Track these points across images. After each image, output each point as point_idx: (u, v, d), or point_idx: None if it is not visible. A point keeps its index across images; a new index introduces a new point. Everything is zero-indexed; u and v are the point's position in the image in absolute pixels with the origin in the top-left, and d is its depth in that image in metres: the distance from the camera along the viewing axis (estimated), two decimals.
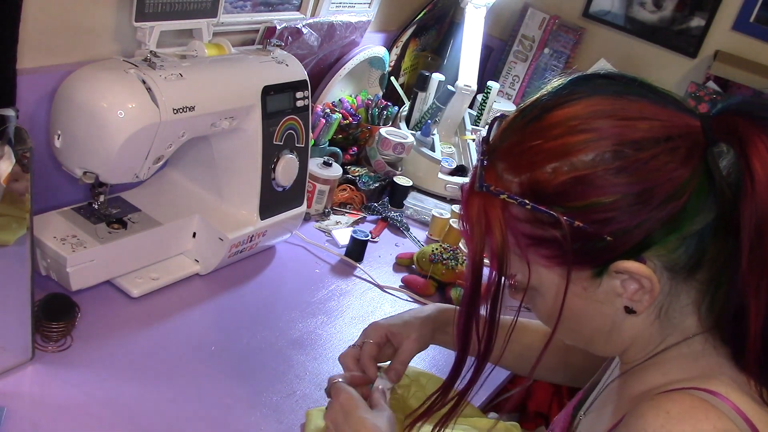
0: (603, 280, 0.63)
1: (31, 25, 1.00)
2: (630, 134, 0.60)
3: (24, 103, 1.02)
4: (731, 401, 0.58)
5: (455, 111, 1.91)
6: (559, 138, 0.61)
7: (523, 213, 0.63)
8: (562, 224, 0.60)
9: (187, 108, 1.04)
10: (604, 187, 0.59)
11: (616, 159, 0.59)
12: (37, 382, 0.91)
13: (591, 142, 0.60)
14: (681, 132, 0.60)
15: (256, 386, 1.03)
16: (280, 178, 1.26)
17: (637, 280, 0.62)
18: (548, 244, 0.62)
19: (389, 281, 1.40)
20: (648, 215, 0.59)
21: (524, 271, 0.65)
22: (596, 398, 0.81)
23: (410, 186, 1.72)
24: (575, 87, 0.64)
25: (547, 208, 0.61)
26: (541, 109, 0.64)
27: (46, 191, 1.12)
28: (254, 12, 1.37)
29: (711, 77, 1.89)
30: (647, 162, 0.59)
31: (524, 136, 0.64)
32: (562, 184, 0.60)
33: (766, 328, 0.59)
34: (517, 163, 0.63)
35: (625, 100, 0.62)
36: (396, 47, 1.96)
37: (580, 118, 0.61)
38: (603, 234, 0.60)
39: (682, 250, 0.61)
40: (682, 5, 1.97)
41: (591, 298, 0.65)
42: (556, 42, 2.12)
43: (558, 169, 0.60)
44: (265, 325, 1.16)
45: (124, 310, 1.09)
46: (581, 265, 0.63)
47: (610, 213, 0.60)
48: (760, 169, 0.56)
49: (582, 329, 0.70)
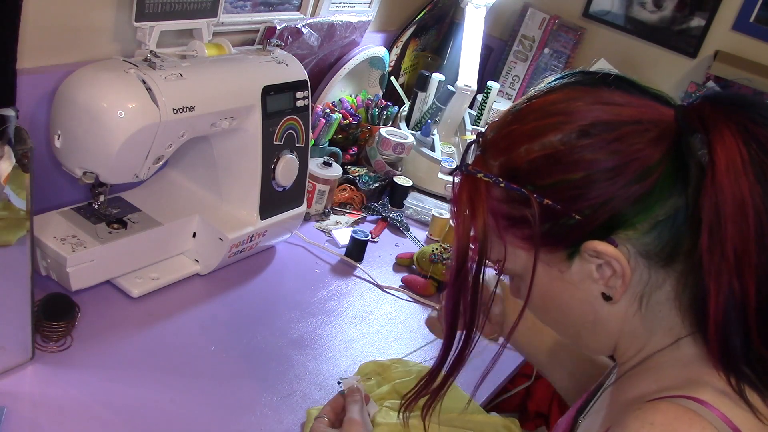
0: (575, 263, 0.65)
1: (31, 25, 1.00)
2: (600, 116, 0.62)
3: (24, 103, 1.02)
4: (718, 410, 0.58)
5: (455, 111, 1.91)
6: (533, 121, 0.65)
7: (501, 193, 0.66)
8: (532, 201, 0.63)
9: (187, 108, 1.04)
10: (572, 164, 0.62)
11: (583, 137, 0.62)
12: (37, 382, 0.91)
13: (560, 124, 0.63)
14: (652, 118, 0.62)
15: (256, 386, 1.03)
16: (280, 178, 1.26)
17: (610, 264, 0.63)
18: (522, 224, 0.65)
19: (389, 281, 1.40)
20: (615, 193, 0.61)
21: (503, 255, 0.68)
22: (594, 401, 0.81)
23: (410, 186, 1.72)
24: (558, 81, 0.68)
25: (518, 186, 0.64)
26: (526, 101, 0.68)
27: (46, 191, 1.12)
28: (254, 12, 1.37)
29: (711, 77, 1.89)
30: (614, 141, 0.61)
31: (505, 123, 0.68)
32: (532, 162, 0.63)
33: (726, 312, 0.59)
34: (498, 147, 0.67)
35: (601, 89, 0.65)
36: (396, 47, 1.97)
37: (555, 103, 0.65)
38: (571, 212, 0.62)
39: (654, 235, 0.62)
40: (682, 5, 1.97)
41: (568, 281, 0.66)
42: (556, 42, 2.12)
43: (530, 149, 0.64)
44: (265, 325, 1.16)
45: (124, 310, 1.09)
46: (554, 245, 0.65)
47: (577, 190, 0.62)
48: (721, 154, 0.58)
49: (567, 318, 0.71)
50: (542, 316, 0.73)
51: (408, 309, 1.34)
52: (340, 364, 1.13)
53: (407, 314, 1.32)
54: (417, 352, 1.21)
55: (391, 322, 1.28)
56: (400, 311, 1.32)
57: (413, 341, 1.24)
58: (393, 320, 1.29)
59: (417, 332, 1.27)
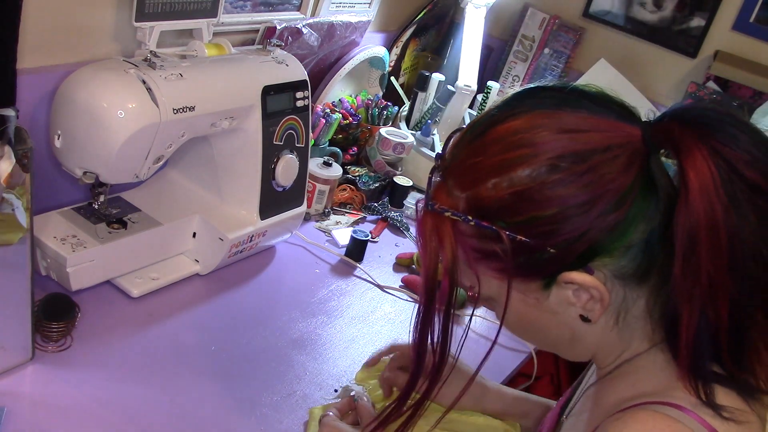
0: (553, 291, 0.64)
1: (31, 25, 1.00)
2: (567, 146, 0.60)
3: (24, 103, 1.02)
4: (696, 414, 0.58)
5: (455, 111, 1.91)
6: (498, 154, 0.62)
7: (469, 229, 0.64)
8: (504, 239, 0.61)
9: (187, 108, 1.04)
10: (543, 201, 0.60)
11: (553, 172, 0.60)
12: (37, 382, 0.91)
13: (528, 157, 0.61)
14: (621, 141, 0.60)
15: (256, 386, 1.03)
16: (280, 178, 1.26)
17: (587, 290, 0.63)
18: (495, 257, 0.63)
19: (389, 281, 1.40)
20: (590, 225, 0.59)
21: (476, 283, 0.67)
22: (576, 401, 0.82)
23: (410, 186, 1.72)
24: (517, 102, 0.65)
25: (489, 224, 0.62)
26: (486, 125, 0.65)
27: (46, 191, 1.12)
28: (254, 12, 1.37)
29: (711, 77, 1.89)
30: (585, 174, 0.59)
31: (469, 152, 0.65)
32: (502, 200, 0.61)
33: (697, 335, 0.59)
34: (464, 179, 0.64)
35: (564, 112, 0.63)
36: (396, 47, 1.97)
37: (519, 132, 0.62)
38: (546, 246, 0.61)
39: (629, 258, 0.61)
40: (682, 5, 1.97)
41: (545, 308, 0.66)
42: (556, 42, 2.12)
43: (498, 184, 0.61)
44: (265, 325, 1.16)
45: (124, 310, 1.09)
46: (529, 277, 0.64)
47: (552, 225, 0.60)
48: (693, 177, 0.57)
49: (545, 338, 0.71)
50: (520, 335, 0.73)
51: (408, 309, 1.34)
52: (340, 364, 1.13)
53: (407, 314, 1.32)
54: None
55: (391, 322, 1.28)
56: (400, 311, 1.32)
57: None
58: (393, 320, 1.29)
59: None
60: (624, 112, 0.64)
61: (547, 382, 1.60)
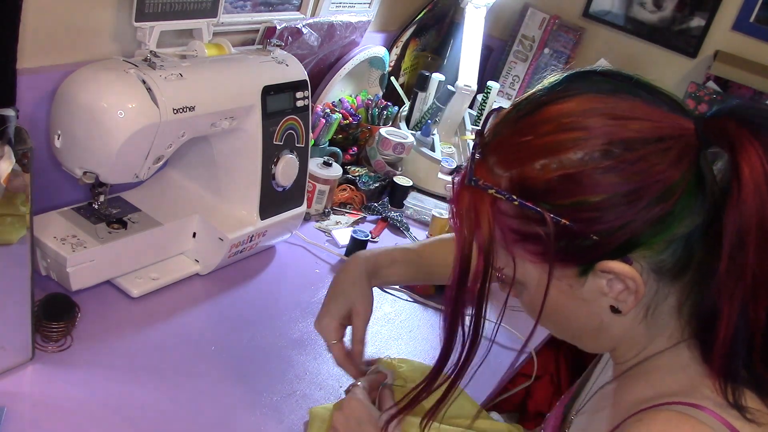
0: (588, 279, 0.63)
1: (31, 25, 1.00)
2: (620, 133, 0.59)
3: (24, 103, 1.02)
4: (718, 414, 0.58)
5: (455, 111, 1.91)
6: (550, 135, 0.61)
7: (511, 208, 0.62)
8: (548, 221, 0.60)
9: (187, 108, 1.04)
10: (592, 186, 0.59)
11: (605, 158, 0.59)
12: (37, 382, 0.91)
13: (581, 141, 0.60)
14: (673, 133, 0.59)
15: (256, 386, 1.03)
16: (280, 178, 1.26)
17: (623, 281, 0.62)
18: (534, 240, 0.62)
19: None
20: (635, 216, 0.59)
21: (510, 265, 0.65)
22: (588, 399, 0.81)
23: (410, 186, 1.72)
24: (570, 83, 0.64)
25: (533, 205, 0.60)
26: (535, 105, 0.64)
27: (46, 191, 1.12)
28: (254, 12, 1.37)
29: (711, 77, 1.89)
30: (636, 162, 0.59)
31: (516, 130, 0.63)
32: (550, 181, 0.60)
33: (735, 334, 0.59)
34: (508, 158, 0.63)
35: (619, 98, 0.62)
36: (396, 47, 1.97)
37: (572, 115, 0.61)
38: (589, 233, 0.60)
39: (670, 252, 0.61)
40: (682, 5, 1.97)
41: (576, 296, 0.65)
42: (556, 42, 2.12)
43: (547, 166, 0.60)
44: (265, 325, 1.16)
45: (124, 310, 1.09)
46: (567, 262, 0.63)
47: (597, 212, 0.59)
48: (748, 174, 0.56)
49: (569, 326, 0.70)
50: (542, 322, 0.71)
51: (408, 309, 1.34)
52: None
53: (407, 314, 1.32)
54: (417, 352, 1.21)
55: (391, 322, 1.28)
56: (400, 311, 1.32)
57: (413, 341, 1.24)
58: (393, 320, 1.29)
59: (417, 332, 1.27)
60: (676, 105, 0.63)
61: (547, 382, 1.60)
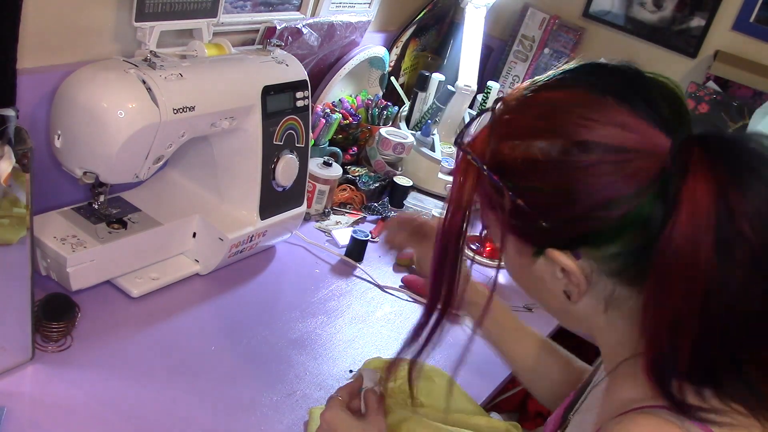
0: (540, 261, 0.66)
1: (31, 25, 1.00)
2: (584, 135, 0.60)
3: (24, 103, 1.02)
4: None
5: (455, 111, 1.91)
6: (531, 119, 0.64)
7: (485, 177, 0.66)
8: (506, 197, 0.63)
9: (187, 108, 1.04)
10: (545, 177, 0.61)
11: (562, 154, 0.60)
12: (37, 382, 0.91)
13: (549, 132, 0.62)
14: (645, 148, 0.58)
15: (256, 386, 1.03)
16: (280, 178, 1.26)
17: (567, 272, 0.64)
18: (497, 209, 0.66)
19: (389, 281, 1.40)
20: (586, 215, 0.60)
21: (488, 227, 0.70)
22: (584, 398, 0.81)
23: (410, 186, 1.72)
24: (572, 74, 0.66)
25: (498, 179, 0.64)
26: (539, 88, 0.66)
27: (46, 191, 1.12)
28: (254, 12, 1.37)
29: (711, 77, 1.89)
30: (588, 167, 0.59)
31: (513, 107, 0.67)
32: (514, 161, 0.63)
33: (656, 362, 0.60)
34: (497, 130, 0.66)
35: (606, 100, 0.62)
36: (396, 47, 1.96)
37: (555, 105, 0.63)
38: (539, 219, 0.62)
39: (618, 261, 0.61)
40: (682, 5, 1.97)
41: (534, 273, 0.67)
42: (556, 42, 2.12)
43: (517, 146, 0.63)
44: (265, 325, 1.16)
45: (124, 310, 1.09)
46: (523, 240, 0.66)
47: (551, 202, 0.62)
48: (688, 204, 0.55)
49: (542, 300, 0.73)
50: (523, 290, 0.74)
51: (408, 309, 1.34)
52: (340, 364, 1.13)
53: (407, 314, 1.32)
54: None
55: (391, 322, 1.28)
56: (400, 311, 1.32)
57: None
58: (393, 320, 1.29)
59: None
60: (670, 118, 0.61)
61: None
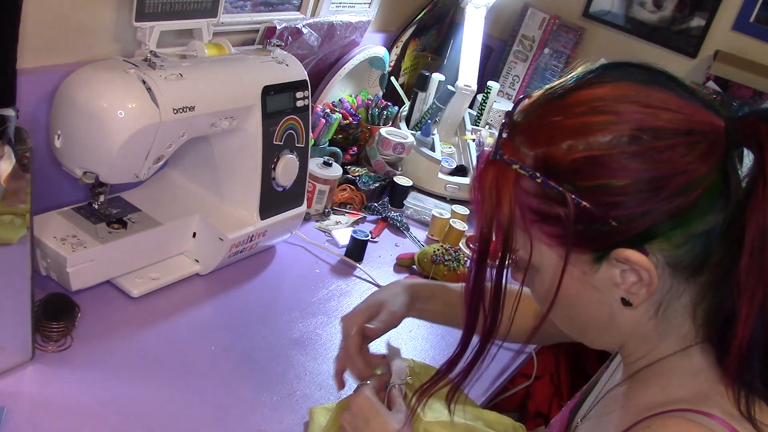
0: (602, 267, 0.63)
1: (31, 25, 1.00)
2: (650, 121, 0.59)
3: (24, 103, 1.02)
4: (728, 423, 0.58)
5: (455, 111, 1.91)
6: (580, 116, 0.61)
7: (533, 187, 0.62)
8: (569, 202, 0.60)
9: (187, 108, 1.04)
10: (616, 170, 0.59)
11: (632, 143, 0.59)
12: (37, 382, 0.91)
13: (610, 124, 0.60)
14: (703, 129, 0.60)
15: (256, 386, 1.03)
16: (280, 178, 1.26)
17: (636, 272, 0.62)
18: (553, 221, 0.62)
19: (389, 281, 1.40)
20: (656, 205, 0.59)
21: (527, 247, 0.65)
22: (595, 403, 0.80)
23: (410, 186, 1.72)
24: (605, 71, 0.64)
25: (556, 184, 0.60)
26: (568, 89, 0.64)
27: (46, 191, 1.12)
28: (254, 12, 1.37)
29: (711, 77, 1.89)
30: (663, 151, 0.59)
31: (546, 111, 0.64)
32: (575, 162, 0.60)
33: (753, 336, 0.58)
34: (535, 136, 0.63)
35: (653, 89, 0.62)
36: (396, 47, 1.97)
37: (604, 99, 0.61)
38: (608, 217, 0.60)
39: (687, 248, 0.61)
40: (682, 5, 1.97)
41: (588, 283, 0.65)
42: (556, 42, 2.12)
43: (573, 146, 0.60)
44: (265, 325, 1.16)
45: (124, 310, 1.09)
46: (583, 247, 0.63)
47: (619, 197, 0.59)
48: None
49: (578, 317, 0.69)
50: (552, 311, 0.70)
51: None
52: None
53: None
54: (417, 352, 1.21)
55: None
56: None
57: (413, 341, 1.24)
58: None
59: (417, 332, 1.27)
60: (709, 103, 0.63)
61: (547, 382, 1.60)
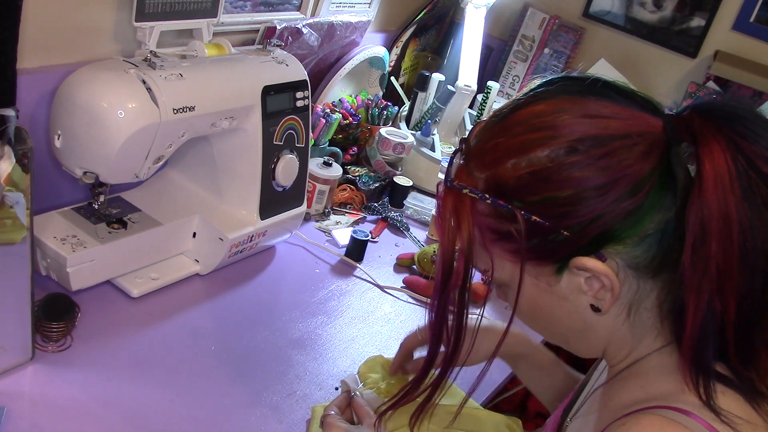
0: (564, 277, 0.65)
1: (31, 25, 1.00)
2: (588, 130, 0.61)
3: (24, 103, 1.02)
4: (703, 419, 0.58)
5: (455, 111, 1.91)
6: (520, 135, 0.63)
7: (486, 208, 0.65)
8: (519, 218, 0.62)
9: (187, 108, 1.04)
10: (560, 182, 0.61)
11: (571, 154, 0.60)
12: (37, 382, 0.91)
13: (548, 139, 0.62)
14: (641, 130, 0.61)
15: (256, 386, 1.03)
16: (280, 178, 1.26)
17: (598, 278, 0.63)
18: (509, 238, 0.64)
19: (389, 281, 1.40)
20: (605, 210, 0.60)
21: (489, 265, 0.68)
22: (582, 402, 0.81)
23: (410, 186, 1.72)
24: (542, 88, 0.67)
25: (505, 203, 0.63)
26: (510, 110, 0.67)
27: (46, 191, 1.12)
28: (254, 12, 1.37)
29: (711, 77, 1.89)
30: (603, 157, 0.60)
31: (492, 134, 0.66)
32: (520, 179, 0.62)
33: (703, 326, 0.59)
34: (484, 159, 0.66)
35: (587, 99, 0.64)
36: (396, 47, 1.97)
37: (542, 116, 0.64)
38: (560, 228, 0.61)
39: (644, 248, 0.62)
40: (682, 5, 1.98)
41: (557, 294, 0.66)
42: (556, 42, 2.12)
43: (517, 164, 0.62)
44: (265, 325, 1.17)
45: (124, 310, 1.09)
46: (542, 260, 0.64)
47: (566, 207, 0.61)
48: (709, 167, 0.57)
49: (556, 328, 0.71)
50: (530, 324, 0.73)
51: (408, 309, 1.34)
52: (340, 364, 1.13)
53: (407, 314, 1.32)
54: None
55: (391, 322, 1.28)
56: (400, 311, 1.32)
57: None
58: (393, 320, 1.29)
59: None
60: (647, 105, 0.65)
61: None
